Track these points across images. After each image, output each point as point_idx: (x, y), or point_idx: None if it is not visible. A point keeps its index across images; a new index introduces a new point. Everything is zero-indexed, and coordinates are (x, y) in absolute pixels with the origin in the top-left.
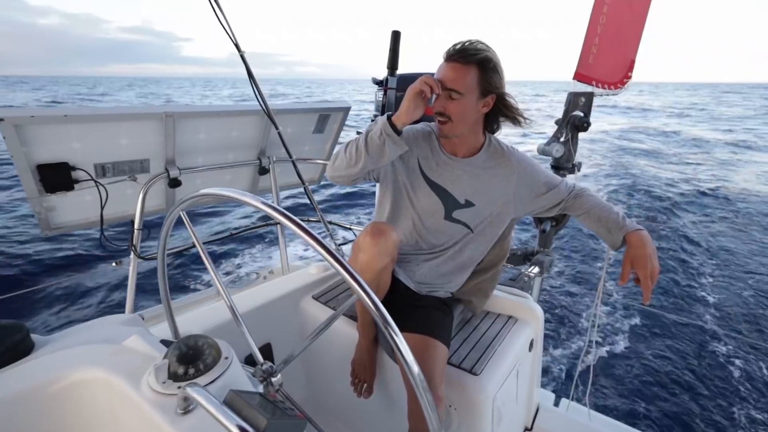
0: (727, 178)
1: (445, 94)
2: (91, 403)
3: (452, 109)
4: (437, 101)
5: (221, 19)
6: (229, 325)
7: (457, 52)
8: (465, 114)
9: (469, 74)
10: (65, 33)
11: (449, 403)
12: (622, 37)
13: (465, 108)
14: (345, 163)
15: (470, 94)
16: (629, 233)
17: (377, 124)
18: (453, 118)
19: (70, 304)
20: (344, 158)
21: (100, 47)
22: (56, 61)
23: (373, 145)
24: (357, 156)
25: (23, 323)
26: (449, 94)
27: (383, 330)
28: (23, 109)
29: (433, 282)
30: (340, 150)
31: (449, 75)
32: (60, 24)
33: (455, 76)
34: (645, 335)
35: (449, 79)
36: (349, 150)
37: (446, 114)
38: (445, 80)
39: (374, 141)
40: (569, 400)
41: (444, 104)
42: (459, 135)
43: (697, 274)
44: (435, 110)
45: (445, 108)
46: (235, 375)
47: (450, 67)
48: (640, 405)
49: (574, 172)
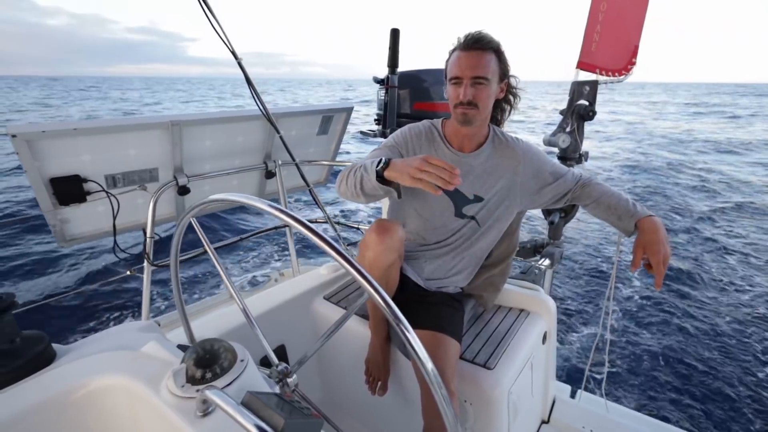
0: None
1: (471, 82)
2: (112, 410)
3: (479, 95)
4: (465, 91)
5: (216, 28)
6: (243, 328)
7: (475, 40)
8: (489, 100)
9: (492, 60)
10: (73, 33)
11: (464, 399)
12: (624, 22)
13: (490, 93)
14: (350, 193)
15: (493, 79)
16: (641, 219)
17: (369, 175)
18: (480, 105)
19: (88, 313)
20: (347, 189)
21: (108, 47)
22: (64, 61)
23: (367, 189)
24: (356, 192)
25: (44, 333)
26: (474, 81)
27: (395, 327)
28: (34, 124)
29: (441, 277)
30: (344, 176)
31: (474, 62)
32: (68, 24)
33: (480, 63)
34: (658, 323)
35: (475, 67)
36: (349, 182)
37: (474, 102)
38: (471, 68)
39: (368, 186)
40: (586, 392)
41: (473, 93)
42: (480, 122)
43: (711, 260)
44: (464, 99)
45: (473, 96)
46: (252, 377)
47: (472, 56)
48: (657, 394)
49: (581, 162)
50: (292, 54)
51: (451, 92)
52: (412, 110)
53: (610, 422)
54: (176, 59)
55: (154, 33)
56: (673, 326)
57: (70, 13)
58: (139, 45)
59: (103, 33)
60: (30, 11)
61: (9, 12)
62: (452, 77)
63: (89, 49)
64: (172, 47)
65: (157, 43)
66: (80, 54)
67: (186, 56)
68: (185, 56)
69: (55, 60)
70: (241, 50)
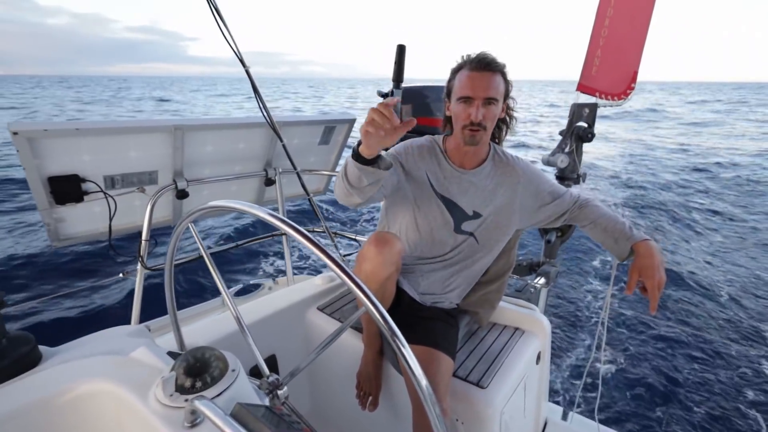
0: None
1: (483, 102)
2: (98, 416)
3: (489, 116)
4: (478, 112)
5: (227, 37)
6: (234, 336)
7: (486, 62)
8: (495, 120)
9: (501, 82)
10: (74, 32)
11: (456, 417)
12: (624, 50)
13: (497, 114)
14: (343, 193)
15: (501, 99)
16: (637, 243)
17: (347, 161)
18: (487, 126)
19: (77, 314)
20: (340, 188)
21: (108, 47)
22: (65, 60)
23: (353, 179)
24: (347, 189)
25: (31, 335)
26: (486, 101)
27: (390, 342)
28: (36, 123)
29: (437, 293)
30: (337, 177)
31: (486, 84)
32: (68, 24)
33: (492, 85)
34: (653, 347)
35: (487, 88)
36: (339, 180)
37: (484, 123)
38: (484, 89)
39: (353, 175)
40: (577, 414)
41: (484, 113)
42: (484, 141)
43: (705, 284)
44: (475, 120)
45: (485, 116)
46: (242, 387)
47: (484, 77)
48: (649, 418)
49: (579, 183)
50: (292, 53)
51: (461, 112)
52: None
53: None
54: (177, 58)
55: (155, 32)
56: (668, 351)
57: (70, 12)
58: (140, 44)
59: (104, 32)
60: (31, 11)
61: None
62: (463, 96)
63: (90, 48)
64: (173, 46)
65: (157, 42)
66: (81, 53)
67: (187, 56)
68: (186, 56)
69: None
70: (241, 50)
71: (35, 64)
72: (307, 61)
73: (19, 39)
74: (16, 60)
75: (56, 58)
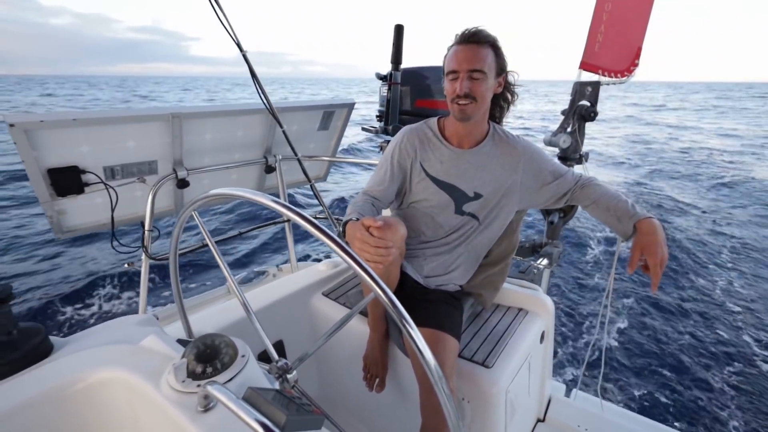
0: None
1: (467, 75)
2: (111, 404)
3: (476, 88)
4: (462, 84)
5: (222, 20)
6: (241, 323)
7: (472, 35)
8: (486, 93)
9: (488, 54)
10: (76, 32)
11: (462, 396)
12: (628, 23)
13: (486, 87)
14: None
15: (490, 73)
16: (639, 220)
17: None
18: (477, 98)
19: (85, 305)
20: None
21: (111, 46)
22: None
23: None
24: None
25: (41, 326)
26: (471, 75)
27: (399, 324)
28: (33, 114)
29: (441, 275)
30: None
31: (470, 56)
32: (71, 24)
33: (476, 57)
34: (654, 324)
35: (471, 60)
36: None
37: (471, 95)
38: (467, 61)
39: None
40: (581, 391)
41: (469, 86)
42: (478, 117)
43: (708, 261)
44: (461, 92)
45: (470, 89)
46: (252, 372)
47: (468, 49)
48: (651, 394)
49: (581, 163)
50: (294, 53)
51: (449, 87)
52: (414, 107)
53: (605, 422)
54: (179, 58)
55: (157, 32)
56: (669, 327)
57: (73, 12)
58: (142, 44)
59: (106, 32)
60: (34, 11)
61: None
62: (449, 71)
63: (93, 48)
64: (175, 46)
65: (160, 42)
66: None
67: (189, 55)
68: (188, 55)
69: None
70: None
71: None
72: (309, 61)
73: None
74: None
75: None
